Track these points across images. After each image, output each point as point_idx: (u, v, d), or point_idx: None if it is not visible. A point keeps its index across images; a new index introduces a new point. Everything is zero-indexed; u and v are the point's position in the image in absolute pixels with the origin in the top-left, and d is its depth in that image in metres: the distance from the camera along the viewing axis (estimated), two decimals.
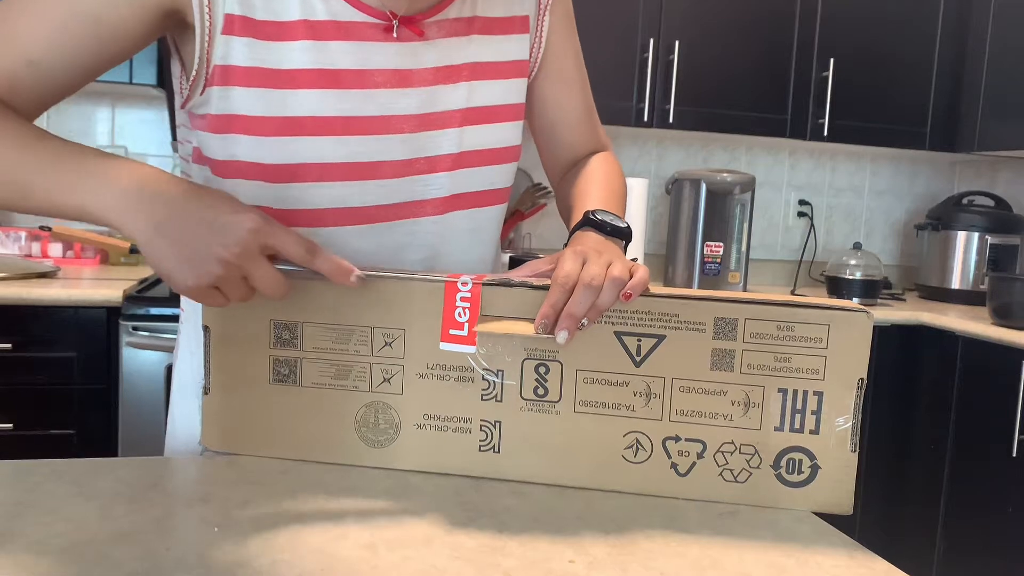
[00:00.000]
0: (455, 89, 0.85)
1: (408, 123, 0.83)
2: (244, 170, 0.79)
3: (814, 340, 0.71)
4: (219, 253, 0.65)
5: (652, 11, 2.60)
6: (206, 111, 0.79)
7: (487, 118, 0.88)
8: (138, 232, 0.66)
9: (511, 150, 0.91)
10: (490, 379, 0.74)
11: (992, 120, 2.70)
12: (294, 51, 0.78)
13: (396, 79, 0.82)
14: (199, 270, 0.65)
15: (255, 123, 0.78)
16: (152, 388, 2.01)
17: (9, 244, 2.34)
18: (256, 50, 0.77)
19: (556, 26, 0.96)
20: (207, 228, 0.65)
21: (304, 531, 0.62)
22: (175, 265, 0.66)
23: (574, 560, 0.60)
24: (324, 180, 0.80)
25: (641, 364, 0.72)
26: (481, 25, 0.87)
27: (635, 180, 2.65)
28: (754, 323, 0.71)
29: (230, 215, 0.65)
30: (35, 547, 0.57)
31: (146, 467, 0.73)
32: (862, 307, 0.72)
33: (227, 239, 0.65)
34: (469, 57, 0.86)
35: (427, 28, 0.83)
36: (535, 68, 0.96)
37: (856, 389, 0.71)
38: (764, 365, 0.71)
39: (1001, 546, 2.24)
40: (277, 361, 0.76)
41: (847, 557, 0.64)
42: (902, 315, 2.50)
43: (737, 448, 0.72)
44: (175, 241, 0.65)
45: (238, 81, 0.77)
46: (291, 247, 0.67)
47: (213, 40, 0.76)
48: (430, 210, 0.86)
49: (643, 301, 0.71)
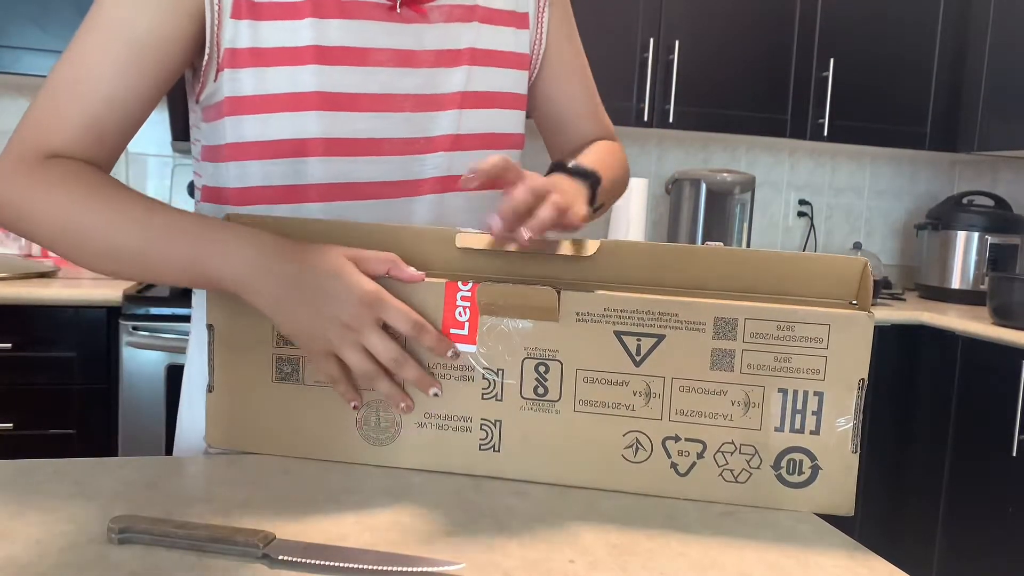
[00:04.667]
0: (455, 72, 0.87)
1: (408, 102, 0.85)
2: (254, 150, 0.82)
3: (814, 340, 0.70)
4: (333, 325, 0.69)
5: (652, 11, 2.60)
6: (219, 97, 0.82)
7: (485, 103, 0.90)
8: (262, 307, 0.71)
9: (510, 137, 0.93)
10: (490, 378, 0.74)
11: (992, 120, 2.70)
12: (300, 29, 0.80)
13: (398, 59, 0.84)
14: (315, 341, 0.70)
15: (264, 101, 0.81)
16: (152, 388, 2.01)
17: (9, 244, 2.34)
18: (263, 31, 0.80)
19: (556, 22, 0.97)
20: (323, 299, 0.69)
21: (304, 531, 0.62)
22: (295, 334, 0.71)
23: (574, 560, 0.60)
24: (329, 155, 0.83)
25: (641, 364, 0.72)
26: (482, 14, 0.89)
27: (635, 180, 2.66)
28: (754, 323, 0.70)
29: (344, 289, 0.69)
30: (35, 547, 0.57)
31: (146, 467, 0.73)
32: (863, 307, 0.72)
33: (342, 311, 0.68)
34: (469, 43, 0.88)
35: (430, 11, 0.86)
36: (537, 64, 0.97)
37: (857, 390, 0.71)
38: (764, 365, 0.71)
39: (1001, 546, 2.24)
40: (280, 359, 0.76)
41: (847, 557, 0.64)
42: (902, 315, 2.50)
43: (737, 448, 0.72)
44: (289, 318, 0.70)
45: (247, 62, 0.80)
46: (402, 324, 0.70)
47: (222, 24, 0.79)
48: (427, 189, 0.88)
49: (642, 300, 0.71)
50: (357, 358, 0.70)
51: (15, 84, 2.48)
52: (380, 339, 0.69)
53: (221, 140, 0.84)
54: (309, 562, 0.56)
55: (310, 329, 0.69)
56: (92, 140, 0.77)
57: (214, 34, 0.79)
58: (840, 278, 0.77)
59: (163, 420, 2.01)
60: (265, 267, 0.70)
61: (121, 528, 0.58)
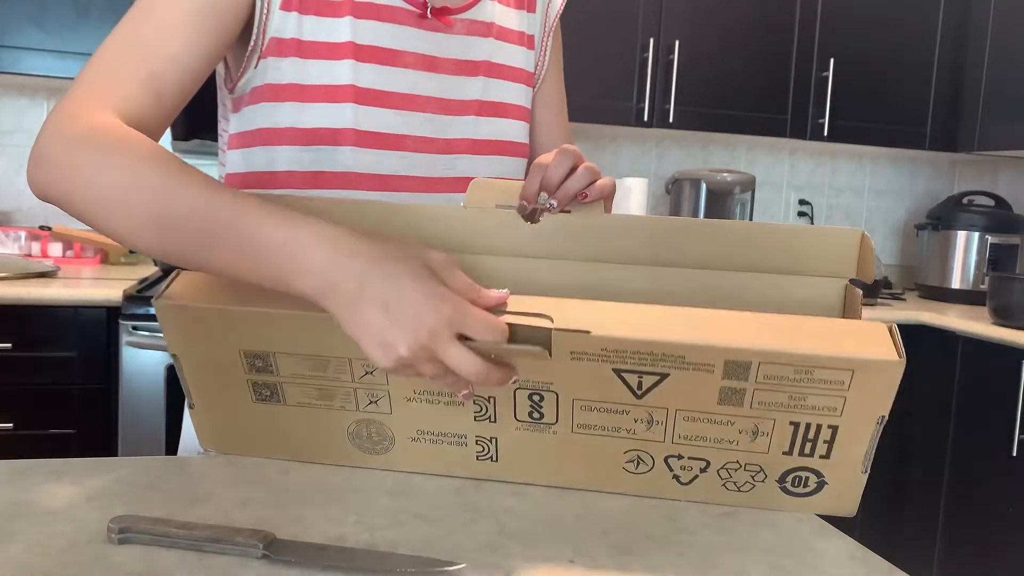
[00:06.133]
0: (473, 82, 0.94)
1: (431, 104, 0.91)
2: (287, 136, 0.86)
3: (835, 384, 0.63)
4: (407, 338, 0.59)
5: (652, 11, 2.60)
6: (257, 83, 0.86)
7: (499, 112, 0.96)
8: (336, 313, 0.62)
9: (519, 146, 0.99)
10: (481, 403, 0.70)
11: (992, 120, 2.70)
12: (340, 26, 0.86)
13: (423, 63, 0.90)
14: (386, 350, 0.60)
15: (304, 90, 0.85)
16: (152, 388, 2.01)
17: (9, 244, 2.34)
18: (307, 24, 0.85)
19: (555, 54, 1.04)
20: (396, 306, 0.60)
21: (304, 531, 0.62)
22: (368, 344, 0.61)
23: (574, 560, 0.60)
24: (359, 146, 0.87)
25: (643, 397, 0.66)
26: (498, 31, 0.96)
27: (635, 180, 2.66)
28: (769, 366, 0.62)
29: (422, 301, 0.60)
30: (35, 547, 0.57)
31: (146, 467, 0.73)
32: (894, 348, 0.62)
33: (419, 327, 0.59)
34: (486, 56, 0.95)
35: (455, 22, 0.92)
36: (539, 84, 1.04)
37: (876, 424, 0.65)
38: (778, 403, 0.64)
39: (1001, 546, 2.23)
40: (256, 384, 0.73)
41: (847, 557, 0.64)
42: (902, 315, 2.50)
43: (742, 466, 0.69)
44: (363, 323, 0.60)
45: (290, 52, 0.85)
46: (484, 335, 0.61)
47: (271, 13, 0.83)
48: (442, 188, 0.93)
49: (645, 343, 0.62)
50: (434, 371, 0.62)
51: (15, 84, 2.48)
52: (461, 354, 0.60)
53: (252, 126, 0.88)
54: (309, 562, 0.56)
55: (380, 335, 0.60)
56: (151, 96, 0.75)
57: (262, 22, 0.83)
58: (839, 252, 0.74)
59: (163, 420, 2.01)
60: (342, 267, 0.61)
61: (121, 528, 0.58)
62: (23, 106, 2.54)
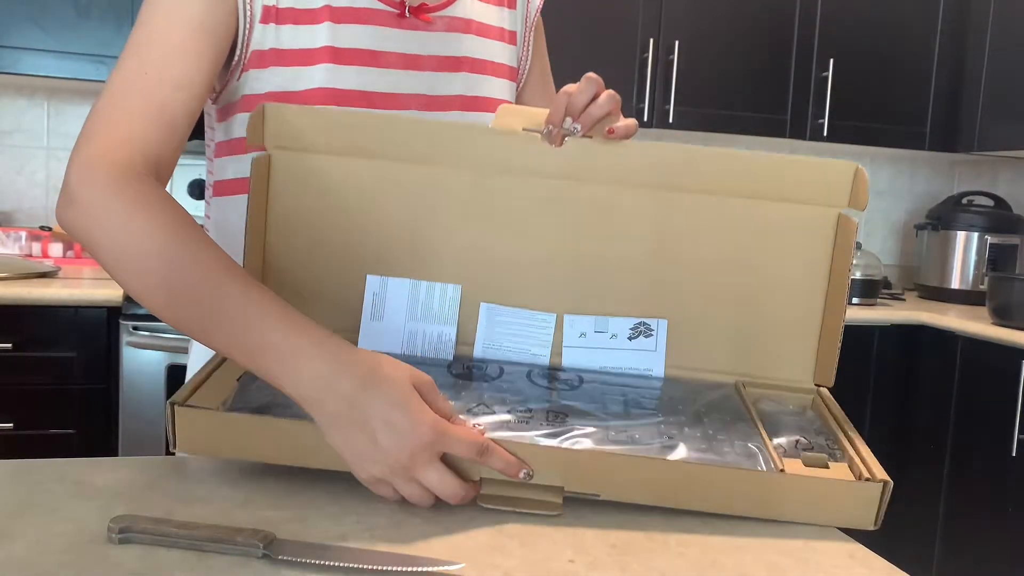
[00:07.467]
0: (455, 78, 0.95)
1: (414, 101, 0.92)
2: None
3: None
4: (387, 459, 0.62)
5: (652, 11, 2.60)
6: (237, 96, 0.88)
7: (482, 107, 0.96)
8: (320, 423, 0.65)
9: None
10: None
11: (992, 120, 2.70)
12: (318, 32, 0.87)
13: (404, 62, 0.91)
14: (367, 465, 0.63)
15: (284, 97, 0.86)
16: (152, 388, 2.01)
17: (9, 244, 2.33)
18: (285, 33, 0.86)
19: (539, 49, 1.06)
20: (382, 429, 0.62)
21: (305, 531, 0.62)
22: (345, 453, 0.64)
23: (574, 560, 0.60)
24: None
25: None
26: (477, 28, 0.97)
27: None
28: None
29: (408, 428, 0.62)
30: (35, 547, 0.57)
31: (146, 467, 0.73)
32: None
33: (400, 449, 0.62)
34: (467, 52, 0.95)
35: (434, 20, 0.93)
36: (522, 79, 1.05)
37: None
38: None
39: (1001, 546, 2.24)
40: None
41: (847, 557, 0.64)
42: (902, 315, 2.50)
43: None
44: (342, 436, 0.63)
45: (269, 62, 0.86)
46: (465, 452, 0.64)
47: (253, 28, 0.85)
48: None
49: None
50: (413, 492, 0.64)
51: (15, 84, 2.48)
52: (439, 476, 0.63)
53: (237, 134, 0.89)
54: (309, 562, 0.56)
55: (362, 453, 0.63)
56: (165, 127, 0.78)
57: (245, 37, 0.85)
58: (834, 182, 0.81)
59: (163, 420, 2.01)
60: (331, 385, 0.64)
61: (121, 528, 0.58)
62: (23, 106, 2.54)
